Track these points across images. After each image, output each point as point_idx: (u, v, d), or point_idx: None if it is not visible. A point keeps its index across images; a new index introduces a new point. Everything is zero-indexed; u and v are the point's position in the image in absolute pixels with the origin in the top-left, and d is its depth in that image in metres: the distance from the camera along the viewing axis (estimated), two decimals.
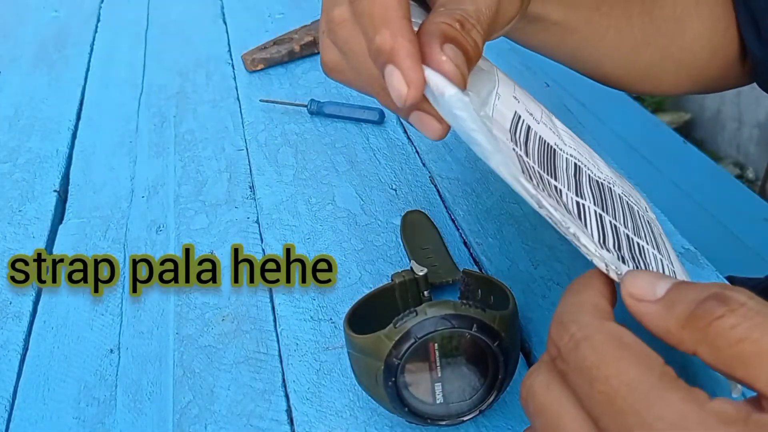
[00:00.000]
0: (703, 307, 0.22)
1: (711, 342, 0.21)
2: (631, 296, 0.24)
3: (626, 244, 0.31)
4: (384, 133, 0.63)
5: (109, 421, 0.41)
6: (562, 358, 0.24)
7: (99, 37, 0.90)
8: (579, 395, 0.23)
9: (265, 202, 0.56)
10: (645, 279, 0.24)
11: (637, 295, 0.24)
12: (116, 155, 0.65)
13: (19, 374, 0.45)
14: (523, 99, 0.35)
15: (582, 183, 0.33)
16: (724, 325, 0.21)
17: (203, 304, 0.48)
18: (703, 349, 0.22)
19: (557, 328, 0.25)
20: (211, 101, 0.71)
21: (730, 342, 0.21)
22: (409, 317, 0.33)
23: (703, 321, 0.22)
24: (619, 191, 0.36)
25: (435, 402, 0.34)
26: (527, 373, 0.26)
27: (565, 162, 0.34)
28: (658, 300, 0.24)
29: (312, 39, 0.76)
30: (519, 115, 0.33)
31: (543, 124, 0.35)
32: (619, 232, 0.31)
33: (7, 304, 0.50)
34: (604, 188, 0.35)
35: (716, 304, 0.22)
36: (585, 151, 0.37)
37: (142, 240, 0.54)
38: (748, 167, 1.86)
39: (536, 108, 0.36)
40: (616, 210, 0.33)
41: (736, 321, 0.21)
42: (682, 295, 0.23)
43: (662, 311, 0.23)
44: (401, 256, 0.49)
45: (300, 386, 0.41)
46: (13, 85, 0.79)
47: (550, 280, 0.46)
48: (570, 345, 0.23)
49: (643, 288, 0.24)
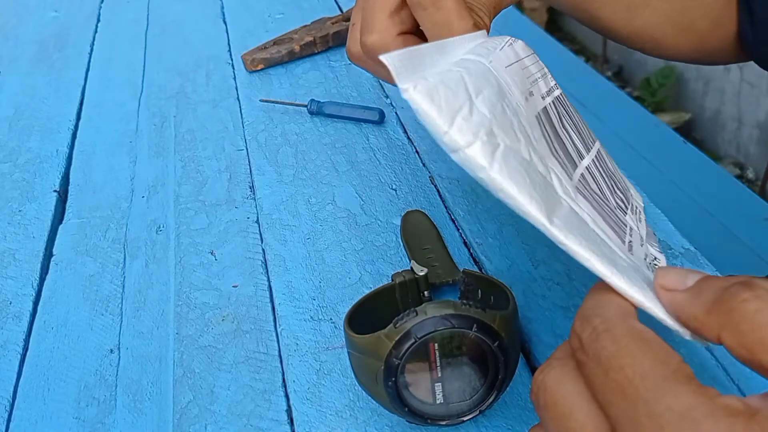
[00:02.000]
0: (728, 292, 0.23)
1: (735, 326, 0.22)
2: (662, 287, 0.25)
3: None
4: (384, 133, 0.63)
5: (109, 421, 0.41)
6: (583, 349, 0.24)
7: (99, 37, 0.90)
8: (593, 384, 0.23)
9: (265, 202, 0.56)
10: (676, 272, 0.25)
11: (668, 285, 0.25)
12: (116, 155, 0.65)
13: (19, 374, 0.45)
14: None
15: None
16: (748, 308, 0.22)
17: (203, 304, 0.48)
18: (726, 334, 0.22)
19: (580, 321, 0.25)
20: (211, 101, 0.71)
21: (753, 326, 0.21)
22: (410, 317, 0.33)
23: (727, 305, 0.22)
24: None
25: (435, 402, 0.34)
26: (539, 368, 0.26)
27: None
28: (687, 289, 0.25)
29: (312, 39, 0.76)
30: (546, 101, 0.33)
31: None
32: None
33: (7, 304, 0.50)
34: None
35: (741, 289, 0.22)
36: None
37: (142, 240, 0.54)
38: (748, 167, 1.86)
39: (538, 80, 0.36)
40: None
41: (760, 306, 0.21)
42: (709, 284, 0.24)
43: (690, 298, 0.24)
44: (401, 256, 0.49)
45: (300, 386, 0.41)
46: (13, 85, 0.79)
47: (550, 280, 0.46)
48: (592, 336, 0.24)
49: (674, 280, 0.25)
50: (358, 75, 0.72)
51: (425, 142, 0.61)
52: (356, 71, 0.73)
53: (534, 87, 0.34)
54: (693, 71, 1.99)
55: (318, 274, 0.49)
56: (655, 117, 1.73)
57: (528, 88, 0.33)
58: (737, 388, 0.38)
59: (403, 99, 0.73)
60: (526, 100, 0.32)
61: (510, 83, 0.31)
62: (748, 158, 1.86)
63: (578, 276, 0.46)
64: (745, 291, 0.22)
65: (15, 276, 0.52)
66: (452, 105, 0.25)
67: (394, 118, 0.65)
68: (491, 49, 0.32)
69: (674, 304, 0.25)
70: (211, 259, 0.52)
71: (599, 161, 0.37)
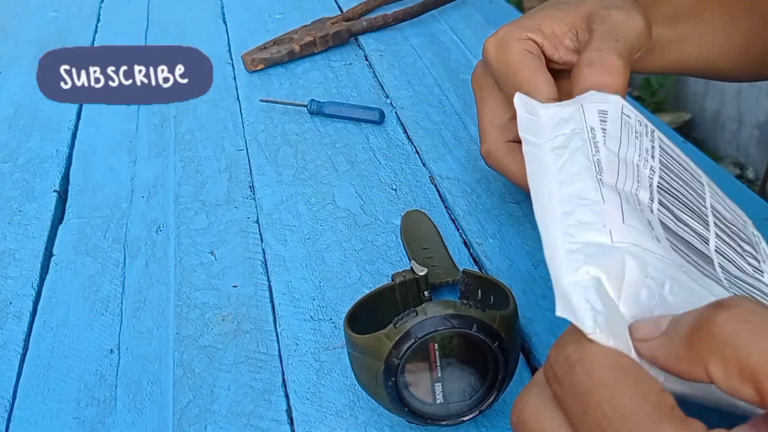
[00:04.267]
0: (703, 318, 0.21)
1: (719, 354, 0.20)
2: (640, 341, 0.24)
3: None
4: (384, 133, 0.63)
5: (109, 421, 0.41)
6: (557, 379, 0.23)
7: (99, 37, 0.90)
8: (571, 417, 0.22)
9: (265, 202, 0.56)
10: (649, 322, 0.24)
11: (643, 336, 0.23)
12: (116, 155, 0.65)
13: (19, 374, 0.45)
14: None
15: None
16: (727, 331, 0.20)
17: (203, 304, 0.48)
18: (712, 366, 0.20)
19: (555, 348, 0.24)
20: (211, 101, 0.71)
21: (737, 351, 0.20)
22: (410, 317, 0.33)
23: (703, 331, 0.21)
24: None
25: (435, 402, 0.34)
26: (518, 395, 0.25)
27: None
28: (662, 332, 0.23)
29: (312, 39, 0.76)
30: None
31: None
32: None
33: (7, 304, 0.50)
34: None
35: (715, 311, 0.21)
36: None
37: (142, 240, 0.54)
38: (748, 167, 1.86)
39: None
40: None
41: (738, 326, 0.20)
42: (682, 318, 0.22)
43: (667, 339, 0.22)
44: (401, 256, 0.49)
45: (300, 386, 0.41)
46: (13, 85, 0.79)
47: (549, 280, 0.45)
48: (565, 367, 0.23)
49: (648, 329, 0.24)
50: (358, 75, 0.73)
51: (425, 142, 0.61)
52: (356, 71, 0.73)
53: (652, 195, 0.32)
54: None
55: (318, 274, 0.49)
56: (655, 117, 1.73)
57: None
58: None
59: (403, 99, 0.73)
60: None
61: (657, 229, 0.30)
62: (748, 158, 1.86)
63: None
64: (720, 312, 0.20)
65: (15, 276, 0.52)
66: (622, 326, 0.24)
67: (394, 118, 0.65)
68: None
69: (653, 350, 0.23)
70: (211, 259, 0.52)
71: (720, 224, 0.34)
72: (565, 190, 0.30)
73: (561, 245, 0.27)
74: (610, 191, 0.30)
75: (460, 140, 0.61)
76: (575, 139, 0.33)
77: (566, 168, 0.31)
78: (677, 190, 0.34)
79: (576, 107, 0.35)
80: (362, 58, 0.76)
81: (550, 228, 0.28)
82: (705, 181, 0.37)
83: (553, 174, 0.31)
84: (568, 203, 0.29)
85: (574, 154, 0.32)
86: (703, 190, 0.36)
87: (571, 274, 0.25)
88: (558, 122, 0.34)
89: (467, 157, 0.58)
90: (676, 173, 0.35)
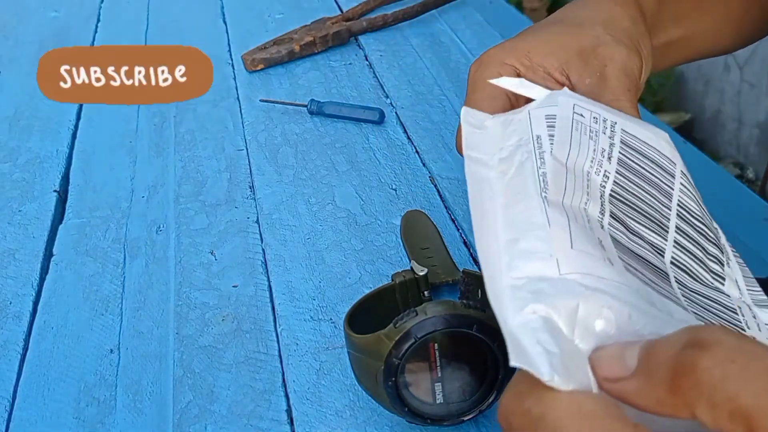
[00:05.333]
0: (684, 363, 0.20)
1: (707, 400, 0.19)
2: (607, 380, 0.22)
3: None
4: (384, 133, 0.63)
5: (109, 421, 0.41)
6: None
7: (99, 37, 0.90)
8: None
9: (265, 202, 0.56)
10: (610, 355, 0.22)
11: (610, 375, 0.22)
12: (116, 155, 0.65)
13: (19, 374, 0.45)
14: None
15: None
16: (715, 376, 0.19)
17: (203, 304, 0.48)
18: (701, 412, 0.19)
19: (510, 400, 0.22)
20: (211, 101, 0.71)
21: (727, 395, 0.19)
22: (410, 317, 0.33)
23: (690, 379, 0.19)
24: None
25: (435, 402, 0.34)
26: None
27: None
28: (634, 373, 0.21)
29: (312, 39, 0.76)
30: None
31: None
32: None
33: (7, 304, 0.50)
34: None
35: (697, 356, 0.19)
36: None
37: (142, 240, 0.54)
38: (748, 167, 1.86)
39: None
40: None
41: (726, 370, 0.19)
42: (656, 356, 0.21)
43: (643, 383, 0.21)
44: (401, 256, 0.49)
45: (300, 386, 0.41)
46: (13, 85, 0.79)
47: None
48: (525, 423, 0.21)
49: (613, 365, 0.22)
50: (358, 75, 0.73)
51: (425, 142, 0.61)
52: (356, 71, 0.73)
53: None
54: (693, 71, 1.99)
55: (318, 274, 0.49)
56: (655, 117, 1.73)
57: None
58: None
59: (403, 99, 0.73)
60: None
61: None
62: (748, 158, 1.86)
63: None
64: (702, 357, 0.19)
65: (15, 276, 0.52)
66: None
67: (394, 118, 0.65)
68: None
69: (628, 394, 0.21)
70: (211, 259, 0.52)
71: (684, 225, 0.32)
72: (510, 212, 0.28)
73: (505, 281, 0.25)
74: (555, 211, 0.28)
75: None
76: (520, 151, 0.31)
77: (510, 186, 0.29)
78: (634, 195, 0.32)
79: (523, 114, 0.33)
80: (362, 58, 0.76)
81: (493, 260, 0.26)
82: (678, 169, 0.35)
83: (498, 194, 0.29)
84: (512, 228, 0.27)
85: (520, 169, 0.30)
86: (672, 183, 0.34)
87: (516, 314, 0.24)
88: (505, 133, 0.32)
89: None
90: (638, 170, 0.33)
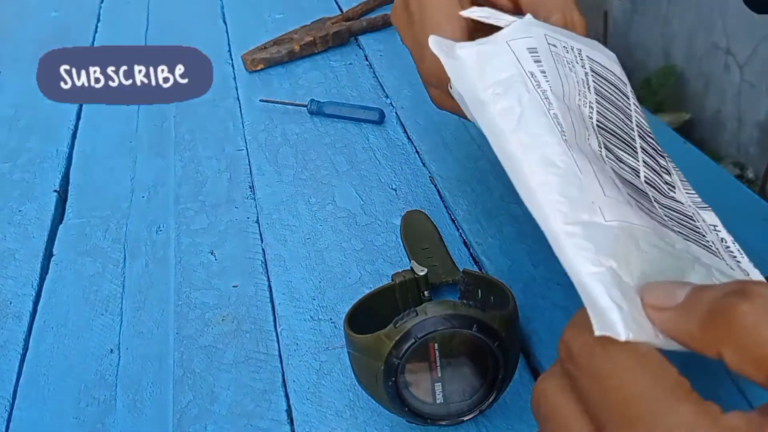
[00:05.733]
0: (724, 304, 0.21)
1: (737, 341, 0.20)
2: (652, 307, 0.23)
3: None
4: (384, 133, 0.63)
5: (109, 421, 0.41)
6: (574, 361, 0.23)
7: (99, 37, 0.90)
8: (588, 401, 0.23)
9: (265, 202, 0.56)
10: (663, 288, 0.24)
11: (657, 304, 0.23)
12: (116, 155, 0.65)
13: (19, 374, 0.45)
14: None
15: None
16: (749, 321, 0.20)
17: (203, 304, 0.48)
18: (727, 350, 0.21)
19: (572, 331, 0.24)
20: (211, 101, 0.71)
21: (757, 340, 0.20)
22: (410, 317, 0.33)
23: (725, 318, 0.21)
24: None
25: (435, 402, 0.34)
26: (540, 377, 0.25)
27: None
28: (678, 305, 0.23)
29: (312, 39, 0.76)
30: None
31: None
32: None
33: (7, 304, 0.50)
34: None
35: (738, 300, 0.21)
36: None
37: (142, 240, 0.54)
38: (748, 167, 1.86)
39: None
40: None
41: (762, 318, 0.20)
42: (702, 296, 0.22)
43: (682, 314, 0.22)
44: (401, 256, 0.49)
45: (300, 386, 0.41)
46: (13, 85, 0.79)
47: (550, 280, 0.46)
48: (584, 349, 0.23)
49: (662, 297, 0.23)
50: (358, 75, 0.73)
51: (425, 142, 0.61)
52: (356, 71, 0.73)
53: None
54: (693, 71, 1.99)
55: (318, 274, 0.49)
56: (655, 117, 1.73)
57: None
58: (738, 389, 0.38)
59: (403, 99, 0.73)
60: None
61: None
62: (748, 158, 1.86)
63: None
64: (743, 302, 0.21)
65: (15, 276, 0.52)
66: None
67: (394, 118, 0.65)
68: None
69: (666, 323, 0.23)
70: (211, 259, 0.52)
71: (644, 144, 0.33)
72: (532, 155, 0.27)
73: (556, 226, 0.25)
74: (578, 156, 0.27)
75: (460, 140, 0.61)
76: (516, 88, 0.29)
77: (523, 126, 0.28)
78: (612, 122, 0.32)
79: (501, 46, 0.31)
80: (362, 58, 0.76)
81: (536, 203, 0.25)
82: (629, 88, 0.36)
83: (509, 133, 0.27)
84: (545, 172, 0.26)
85: (529, 109, 0.28)
86: (629, 104, 0.35)
87: (584, 264, 0.24)
88: (488, 65, 0.31)
89: (467, 157, 0.58)
90: (610, 98, 0.33)
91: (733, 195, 0.39)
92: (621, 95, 0.34)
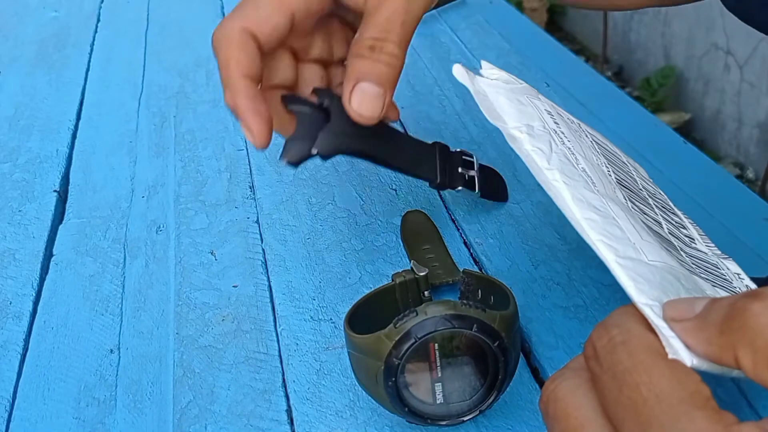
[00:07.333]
0: (737, 307, 0.21)
1: (749, 342, 0.21)
2: (672, 319, 0.24)
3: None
4: None
5: (109, 421, 0.41)
6: (597, 359, 0.23)
7: (99, 37, 0.90)
8: (605, 399, 0.23)
9: (265, 202, 0.56)
10: (683, 301, 0.24)
11: (677, 317, 0.24)
12: (116, 155, 0.65)
13: (19, 374, 0.45)
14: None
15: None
16: (761, 322, 0.20)
17: (203, 304, 0.48)
18: (742, 352, 0.21)
19: (599, 330, 0.24)
20: (211, 101, 0.71)
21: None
22: (410, 317, 0.33)
23: (738, 320, 0.21)
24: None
25: (435, 402, 0.34)
26: (551, 377, 0.25)
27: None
28: (697, 314, 0.23)
29: None
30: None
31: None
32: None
33: (7, 304, 0.50)
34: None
35: (750, 302, 0.21)
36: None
37: (142, 240, 0.54)
38: (748, 167, 1.86)
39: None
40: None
41: None
42: (718, 303, 0.23)
43: (701, 322, 0.23)
44: (401, 256, 0.49)
45: (300, 386, 0.41)
46: (13, 85, 0.79)
47: (550, 280, 0.46)
48: (608, 347, 0.23)
49: (682, 309, 0.24)
50: None
51: None
52: None
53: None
54: (693, 71, 1.99)
55: (318, 274, 0.49)
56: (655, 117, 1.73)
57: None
58: (738, 389, 0.38)
59: (403, 99, 0.73)
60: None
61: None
62: (748, 158, 1.86)
63: (578, 276, 0.46)
64: (755, 303, 0.21)
65: (15, 276, 0.52)
66: None
67: None
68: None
69: (686, 332, 0.23)
70: (211, 259, 0.52)
71: (655, 200, 0.34)
72: (572, 192, 0.27)
73: (608, 255, 0.25)
74: (612, 204, 0.28)
75: (460, 140, 0.61)
76: (546, 138, 0.30)
77: (558, 169, 0.29)
78: (626, 182, 0.33)
79: (525, 98, 0.32)
80: None
81: (586, 229, 0.26)
82: (625, 157, 0.37)
83: (546, 170, 0.28)
84: (584, 208, 0.27)
85: (559, 158, 0.29)
86: (630, 170, 0.36)
87: (639, 295, 0.25)
88: (518, 107, 0.31)
89: None
90: (615, 161, 0.35)
91: (733, 195, 0.39)
92: (622, 162, 0.36)
